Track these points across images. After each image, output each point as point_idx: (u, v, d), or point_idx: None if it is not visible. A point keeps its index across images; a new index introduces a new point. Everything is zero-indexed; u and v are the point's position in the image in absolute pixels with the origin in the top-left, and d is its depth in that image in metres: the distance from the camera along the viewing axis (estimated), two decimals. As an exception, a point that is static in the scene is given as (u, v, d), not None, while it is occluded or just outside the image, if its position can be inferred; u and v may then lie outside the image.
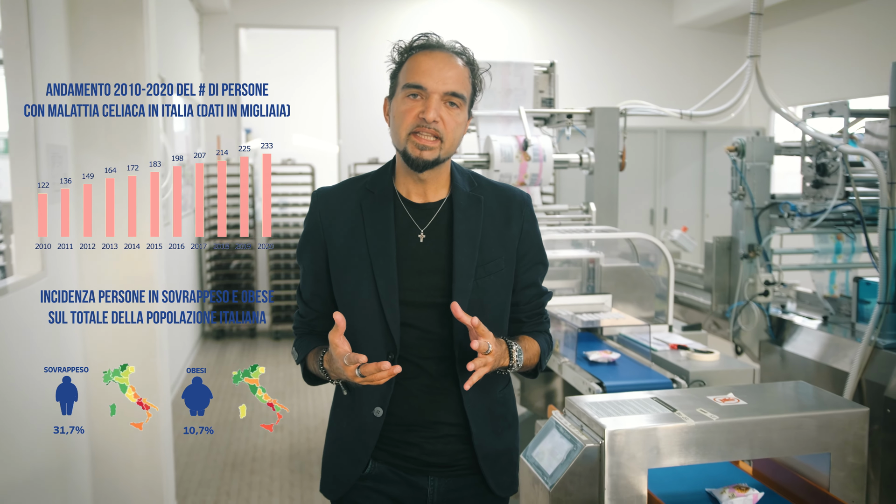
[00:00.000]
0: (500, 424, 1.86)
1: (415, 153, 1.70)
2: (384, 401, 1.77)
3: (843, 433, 2.08)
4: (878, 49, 7.23)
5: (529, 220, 1.86)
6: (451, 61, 1.72)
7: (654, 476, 2.27)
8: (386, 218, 1.77)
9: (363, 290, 1.75)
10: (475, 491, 1.85)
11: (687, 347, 3.06)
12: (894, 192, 3.44)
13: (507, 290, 1.83)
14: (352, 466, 1.82)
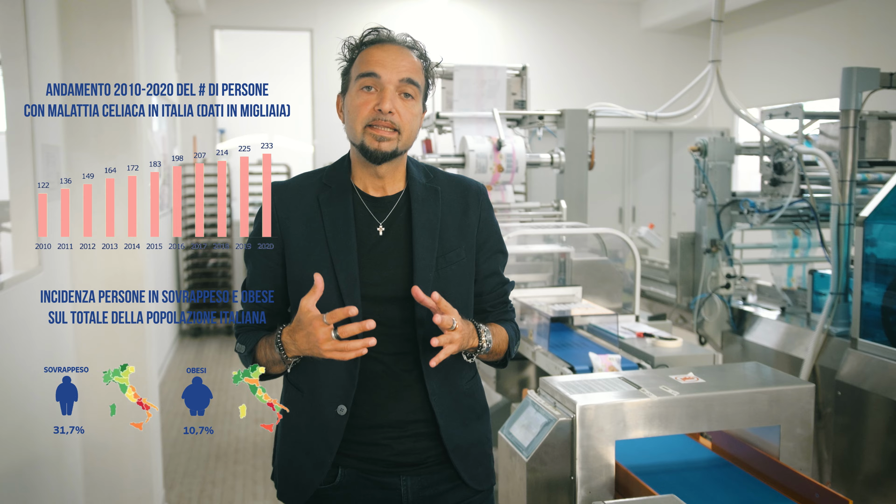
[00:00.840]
0: (468, 416, 1.82)
1: (373, 145, 1.67)
2: (347, 398, 1.70)
3: (792, 407, 2.28)
4: (838, 52, 7.51)
5: (486, 209, 1.85)
6: (403, 52, 1.73)
7: (621, 448, 2.46)
8: (345, 212, 1.73)
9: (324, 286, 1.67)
10: (451, 485, 1.81)
11: (652, 335, 3.26)
12: (845, 190, 3.67)
13: (468, 279, 1.81)
14: (314, 470, 1.75)
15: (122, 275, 3.57)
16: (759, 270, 5.23)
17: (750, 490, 2.23)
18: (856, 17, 7.54)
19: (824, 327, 3.74)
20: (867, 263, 3.48)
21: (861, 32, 7.42)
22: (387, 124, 1.66)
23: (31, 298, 2.97)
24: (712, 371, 2.48)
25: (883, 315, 3.43)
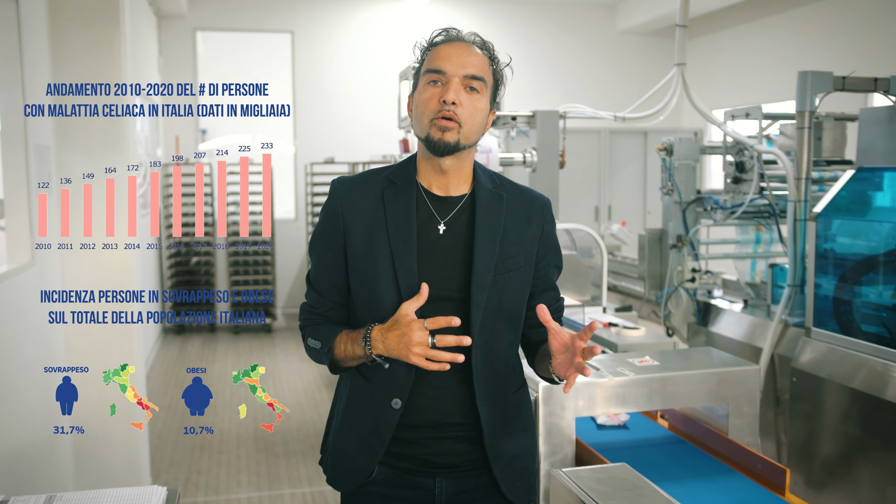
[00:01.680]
0: (513, 427, 1.80)
1: (437, 136, 1.67)
2: (403, 392, 1.71)
3: (739, 387, 2.47)
4: (803, 55, 7.74)
5: (549, 223, 1.85)
6: (470, 49, 1.73)
7: (584, 429, 2.64)
8: (408, 209, 1.74)
9: (382, 280, 1.72)
10: (486, 492, 1.79)
11: (617, 325, 3.44)
12: (801, 187, 3.88)
13: (524, 289, 1.79)
14: (367, 458, 1.76)
15: (116, 274, 3.70)
16: (724, 265, 5.44)
17: (700, 463, 2.42)
18: (819, 21, 7.77)
19: (782, 318, 3.94)
20: (820, 257, 3.68)
21: (823, 36, 7.66)
22: (449, 115, 1.66)
23: (25, 295, 3.10)
24: (667, 355, 2.66)
25: (835, 305, 3.64)
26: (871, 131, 3.85)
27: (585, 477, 1.92)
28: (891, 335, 3.39)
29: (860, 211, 3.66)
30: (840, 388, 3.41)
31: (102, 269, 3.68)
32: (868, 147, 3.86)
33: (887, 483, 3.15)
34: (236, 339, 8.16)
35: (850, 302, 3.59)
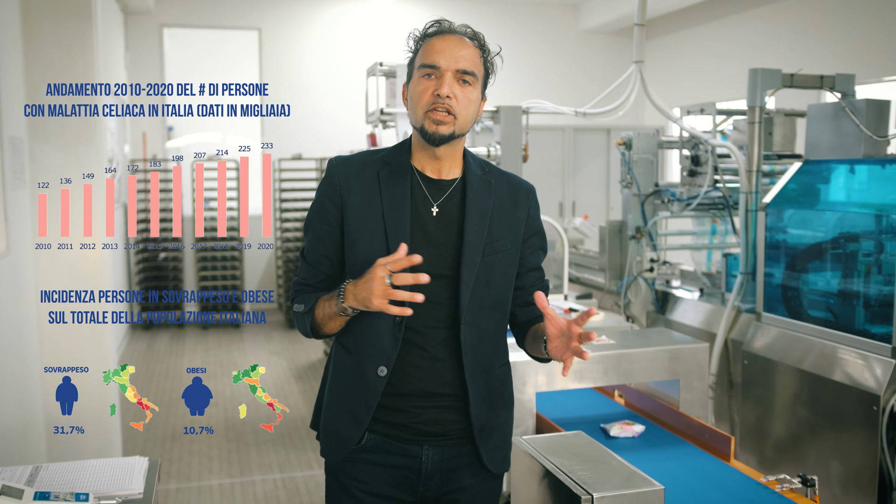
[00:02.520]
0: (496, 401, 1.88)
1: (431, 128, 1.75)
2: (389, 361, 1.78)
3: (689, 363, 2.63)
4: (760, 54, 7.98)
5: (534, 207, 1.94)
6: (462, 42, 1.81)
7: (546, 405, 2.78)
8: (402, 189, 1.81)
9: (375, 255, 1.75)
10: (469, 461, 1.87)
11: (577, 310, 3.59)
12: (752, 179, 4.06)
13: (511, 269, 1.88)
14: (354, 427, 1.83)
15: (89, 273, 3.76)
16: (682, 256, 5.62)
17: (653, 434, 2.57)
18: (773, 22, 8.02)
19: (734, 304, 4.12)
20: (769, 245, 3.87)
21: (777, 37, 7.90)
22: (444, 107, 1.74)
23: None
24: (623, 335, 2.82)
25: (783, 291, 3.82)
26: (818, 126, 4.04)
27: (543, 443, 2.05)
28: (836, 319, 3.58)
29: (806, 201, 3.85)
30: (787, 368, 3.60)
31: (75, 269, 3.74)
32: (816, 141, 4.05)
33: (830, 457, 3.34)
34: (204, 334, 8.20)
35: (797, 288, 3.77)
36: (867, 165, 3.66)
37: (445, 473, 1.85)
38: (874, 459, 3.11)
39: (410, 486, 1.85)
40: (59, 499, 1.64)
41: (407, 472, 1.84)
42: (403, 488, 1.85)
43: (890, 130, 3.82)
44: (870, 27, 6.93)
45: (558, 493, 1.84)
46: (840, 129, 3.90)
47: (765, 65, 4.07)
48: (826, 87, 4.01)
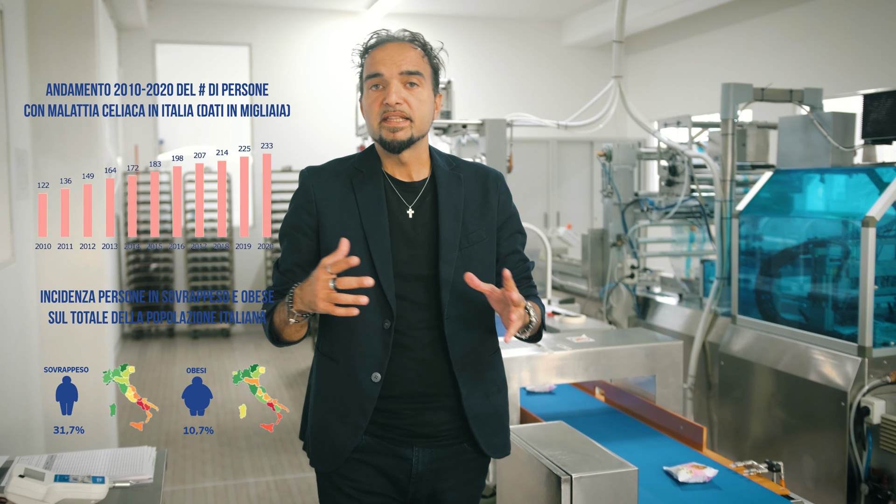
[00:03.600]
0: (490, 388, 1.90)
1: (389, 136, 1.79)
2: (381, 366, 1.79)
3: (664, 359, 2.79)
4: (740, 69, 8.21)
5: (504, 194, 1.95)
6: (402, 47, 1.83)
7: (530, 402, 2.93)
8: (378, 194, 1.83)
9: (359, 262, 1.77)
10: (458, 460, 1.89)
11: (560, 313, 3.75)
12: (726, 188, 4.24)
13: (490, 258, 1.90)
14: (350, 435, 1.83)
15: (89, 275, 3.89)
16: (662, 263, 5.80)
17: (631, 427, 2.73)
18: (750, 38, 8.25)
19: (711, 308, 4.29)
20: (743, 251, 4.04)
21: (754, 52, 8.13)
22: (397, 114, 1.77)
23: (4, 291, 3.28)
24: (602, 334, 2.98)
25: (756, 295, 4.00)
26: (789, 138, 4.23)
27: (527, 432, 2.20)
28: (807, 321, 3.76)
29: (777, 209, 4.03)
30: (763, 370, 3.76)
31: (75, 269, 3.87)
32: (787, 152, 4.24)
33: (803, 452, 3.50)
34: (195, 344, 8.31)
35: (770, 292, 3.95)
36: (834, 174, 3.85)
37: (435, 474, 1.87)
38: (843, 453, 3.27)
39: (401, 487, 1.86)
40: (78, 481, 1.77)
41: (398, 474, 1.85)
42: (394, 488, 1.87)
43: (856, 141, 4.01)
44: (838, 45, 7.17)
45: (540, 476, 1.99)
46: (809, 141, 4.09)
47: (741, 79, 4.27)
48: (795, 101, 4.20)
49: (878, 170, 3.61)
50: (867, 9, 6.97)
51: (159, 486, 1.93)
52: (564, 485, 1.87)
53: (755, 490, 2.20)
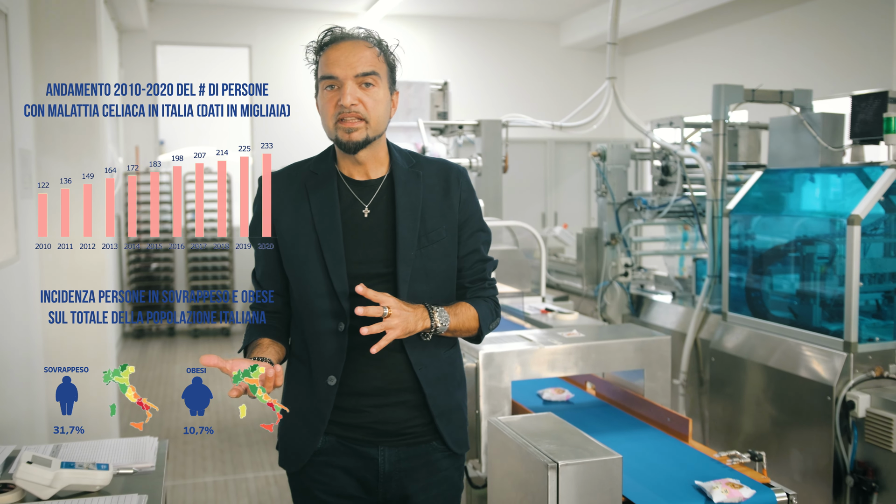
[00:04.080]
0: (450, 384, 1.93)
1: (344, 137, 1.79)
2: (337, 370, 1.81)
3: (653, 354, 2.85)
4: (737, 69, 8.28)
5: (466, 190, 1.93)
6: (357, 46, 1.81)
7: (522, 396, 3.00)
8: (330, 196, 1.83)
9: (311, 264, 1.80)
10: (427, 459, 1.90)
11: (553, 310, 3.82)
12: (717, 188, 4.31)
13: (450, 257, 1.89)
14: (310, 437, 1.85)
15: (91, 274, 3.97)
16: (656, 262, 5.87)
17: (620, 420, 2.80)
18: (750, 38, 8.33)
19: (703, 306, 4.37)
20: (733, 249, 4.12)
21: (754, 52, 8.21)
22: (353, 115, 1.77)
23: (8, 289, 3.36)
24: (592, 329, 3.05)
25: (746, 292, 4.07)
26: (779, 138, 4.30)
27: (517, 423, 2.27)
28: (796, 317, 3.83)
29: (767, 208, 4.10)
30: (753, 366, 3.83)
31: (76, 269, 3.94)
32: (777, 152, 4.31)
33: (791, 446, 3.57)
34: (195, 343, 8.39)
35: (759, 289, 4.02)
36: (822, 174, 3.92)
37: (403, 474, 1.88)
38: (829, 446, 3.34)
39: (369, 487, 1.88)
40: (83, 467, 1.85)
41: (365, 473, 1.87)
42: (364, 489, 1.88)
43: (844, 141, 4.08)
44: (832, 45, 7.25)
45: (528, 465, 2.05)
46: (799, 141, 4.16)
47: (738, 79, 4.34)
48: (785, 102, 4.27)
49: (866, 169, 3.68)
50: (859, 11, 7.05)
51: (161, 474, 2.00)
52: (551, 472, 1.93)
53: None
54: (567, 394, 3.01)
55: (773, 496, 2.18)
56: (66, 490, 1.81)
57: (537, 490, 1.99)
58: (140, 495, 1.81)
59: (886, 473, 3.13)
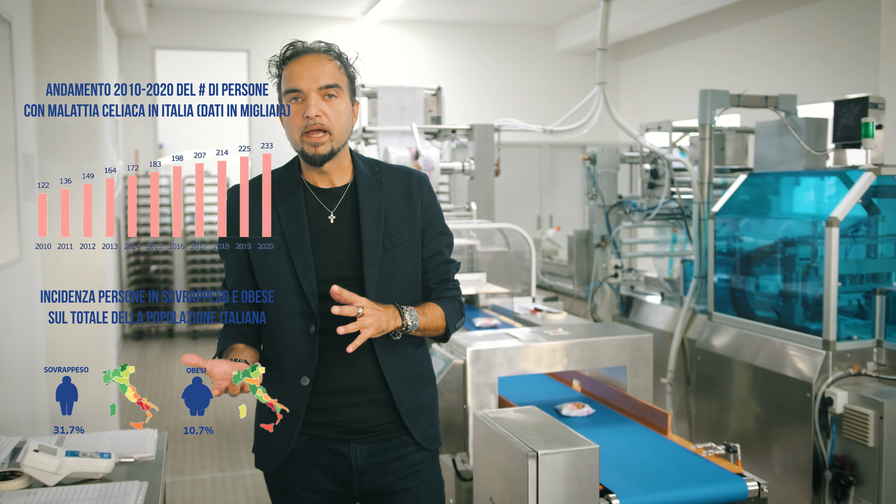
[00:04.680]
0: (417, 382, 1.98)
1: (310, 151, 1.86)
2: (310, 370, 1.87)
3: (635, 351, 2.95)
4: (729, 74, 8.39)
5: (428, 195, 2.00)
6: (318, 60, 1.87)
7: (508, 391, 3.10)
8: (297, 204, 1.90)
9: (281, 270, 1.87)
10: (399, 453, 1.96)
11: (542, 310, 3.92)
12: (704, 190, 4.41)
13: (414, 259, 1.96)
14: (286, 437, 1.90)
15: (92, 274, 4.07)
16: (646, 264, 5.97)
17: (604, 415, 2.90)
18: (742, 42, 8.45)
19: (689, 306, 4.47)
20: (718, 251, 4.22)
21: (746, 56, 8.32)
22: (317, 127, 1.84)
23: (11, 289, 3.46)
24: (577, 327, 3.15)
25: (731, 293, 4.17)
26: (764, 142, 4.41)
27: (500, 416, 2.37)
28: (779, 317, 3.93)
29: (751, 210, 4.20)
30: (737, 364, 3.93)
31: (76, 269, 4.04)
32: (763, 155, 4.42)
33: (773, 442, 3.67)
34: (194, 343, 8.49)
35: (743, 289, 4.12)
36: (805, 177, 4.03)
37: (377, 468, 1.94)
38: (809, 442, 3.44)
39: (345, 483, 1.94)
40: (87, 455, 1.94)
41: (339, 470, 1.93)
42: (339, 484, 1.94)
43: (828, 146, 4.19)
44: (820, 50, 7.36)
45: (510, 454, 2.16)
46: (784, 145, 4.27)
47: (729, 83, 4.44)
48: (770, 107, 4.37)
49: (848, 172, 3.78)
50: (847, 16, 7.17)
51: (160, 463, 2.10)
52: (531, 461, 2.03)
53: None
54: (587, 409, 2.91)
55: (745, 485, 2.28)
56: (71, 477, 1.90)
57: (518, 478, 2.09)
58: (141, 482, 1.91)
59: (863, 467, 3.23)
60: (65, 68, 3.95)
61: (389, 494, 1.97)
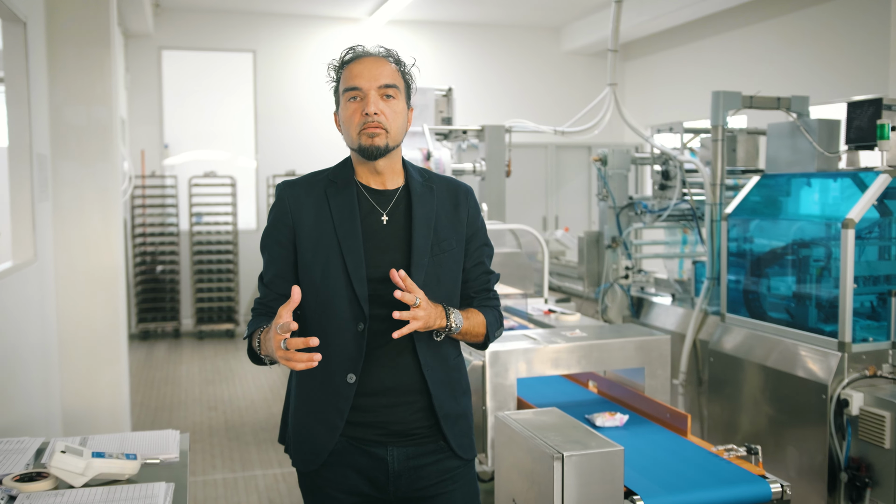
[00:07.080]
0: (456, 389, 2.01)
1: (367, 142, 1.87)
2: (356, 367, 1.88)
3: (652, 352, 2.96)
4: (737, 74, 8.39)
5: (473, 207, 2.05)
6: (378, 61, 1.92)
7: (526, 394, 3.10)
8: (350, 203, 1.92)
9: (332, 268, 1.87)
10: (435, 458, 1.96)
11: (556, 311, 3.92)
12: (716, 192, 4.41)
13: (458, 266, 2.00)
14: (328, 434, 1.91)
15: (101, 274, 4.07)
16: (657, 265, 5.97)
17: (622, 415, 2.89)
18: (749, 44, 8.44)
19: (702, 307, 4.47)
20: (731, 252, 4.22)
21: (754, 57, 8.32)
22: (375, 124, 1.86)
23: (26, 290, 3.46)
24: (594, 329, 3.15)
25: (744, 295, 4.17)
26: (776, 143, 4.41)
27: (522, 417, 2.37)
28: (792, 318, 3.93)
29: (764, 211, 4.20)
30: (750, 366, 3.93)
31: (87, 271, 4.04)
32: (775, 157, 4.42)
33: (787, 443, 3.67)
34: (200, 344, 8.48)
35: (757, 291, 4.12)
36: (818, 179, 4.03)
37: (413, 472, 1.94)
38: (824, 443, 3.44)
39: (380, 486, 1.94)
40: (113, 457, 1.94)
41: (375, 473, 1.93)
42: (375, 487, 1.95)
43: (840, 147, 4.18)
44: (830, 52, 7.36)
45: (535, 456, 2.16)
46: (796, 146, 4.26)
47: (737, 84, 4.43)
48: (783, 108, 4.37)
49: (861, 174, 3.78)
50: (856, 17, 7.16)
51: (185, 464, 2.10)
52: (556, 463, 2.03)
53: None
54: (619, 417, 2.82)
55: (768, 487, 2.28)
56: (97, 479, 1.90)
57: (543, 480, 2.09)
58: (168, 483, 1.91)
59: (879, 469, 3.23)
60: (78, 69, 3.95)
61: (426, 499, 1.97)
